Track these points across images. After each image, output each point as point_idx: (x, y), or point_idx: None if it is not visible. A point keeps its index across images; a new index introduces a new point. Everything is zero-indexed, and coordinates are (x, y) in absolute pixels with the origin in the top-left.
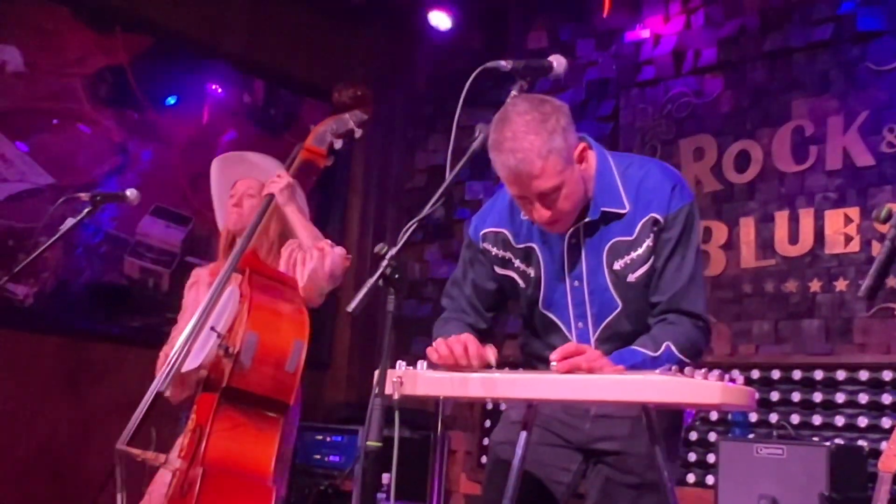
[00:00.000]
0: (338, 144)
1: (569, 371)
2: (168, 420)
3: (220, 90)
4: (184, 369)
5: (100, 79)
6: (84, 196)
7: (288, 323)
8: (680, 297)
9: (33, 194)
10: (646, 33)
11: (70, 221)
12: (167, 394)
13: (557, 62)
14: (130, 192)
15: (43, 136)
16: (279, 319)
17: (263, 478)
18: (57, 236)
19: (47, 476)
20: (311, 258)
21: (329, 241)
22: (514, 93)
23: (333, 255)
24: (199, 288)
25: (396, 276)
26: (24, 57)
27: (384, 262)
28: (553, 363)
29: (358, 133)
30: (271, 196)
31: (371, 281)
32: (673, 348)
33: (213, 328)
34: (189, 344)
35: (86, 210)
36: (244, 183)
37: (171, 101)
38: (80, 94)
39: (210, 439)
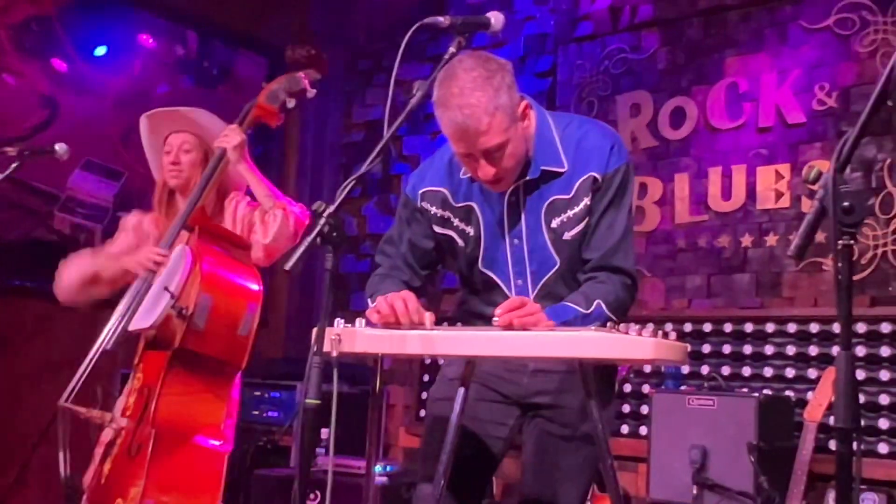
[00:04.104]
0: (290, 103)
1: (509, 325)
2: (103, 377)
3: (151, 41)
4: (132, 328)
5: (25, 28)
6: (11, 151)
7: (242, 286)
8: (611, 254)
9: None
10: None
11: None
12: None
13: (496, 19)
14: (59, 147)
15: None
16: (233, 282)
17: (214, 438)
18: None
19: None
20: (275, 218)
21: (289, 199)
22: (451, 49)
23: (296, 215)
24: (140, 231)
25: (334, 233)
26: None
27: (321, 221)
28: (495, 318)
29: (311, 93)
30: (223, 151)
31: (308, 239)
32: (603, 306)
33: (166, 288)
34: (137, 302)
35: (13, 166)
36: (178, 137)
37: (101, 51)
38: (5, 44)
39: (160, 400)
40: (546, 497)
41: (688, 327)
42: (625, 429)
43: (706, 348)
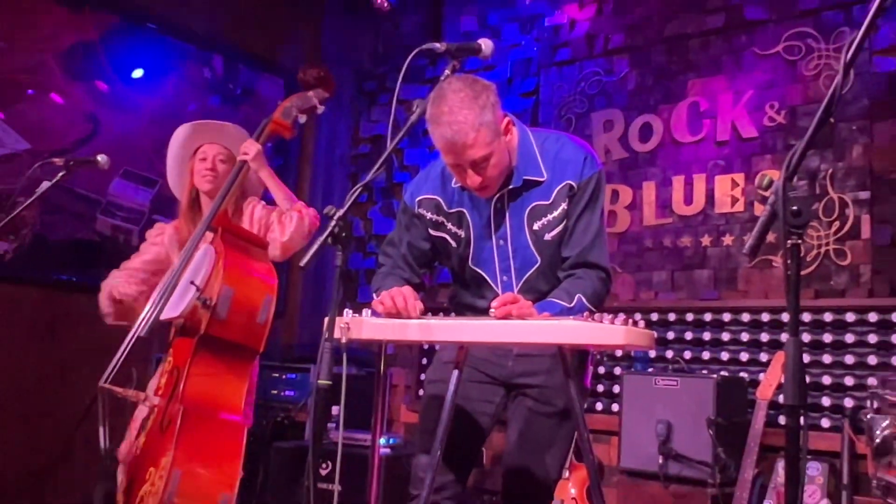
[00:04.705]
0: (302, 119)
1: (504, 317)
2: (139, 360)
3: (183, 65)
4: (163, 317)
5: (71, 54)
6: (58, 161)
7: (259, 279)
8: (587, 251)
9: (11, 159)
10: (563, 19)
11: (45, 184)
12: (108, 318)
13: (485, 45)
14: (101, 158)
15: (19, 105)
16: (251, 276)
17: (235, 414)
18: (33, 198)
19: (30, 413)
20: (291, 220)
21: (303, 203)
22: (447, 71)
23: (310, 217)
24: (165, 240)
25: (343, 234)
26: (0, 33)
27: (332, 223)
28: (492, 310)
29: (320, 110)
30: (243, 163)
31: (321, 239)
32: (583, 299)
33: (192, 282)
34: (167, 295)
35: (60, 174)
36: (213, 148)
37: (138, 74)
38: (53, 67)
39: (188, 380)
40: (529, 466)
41: (654, 317)
42: (599, 406)
43: (670, 335)
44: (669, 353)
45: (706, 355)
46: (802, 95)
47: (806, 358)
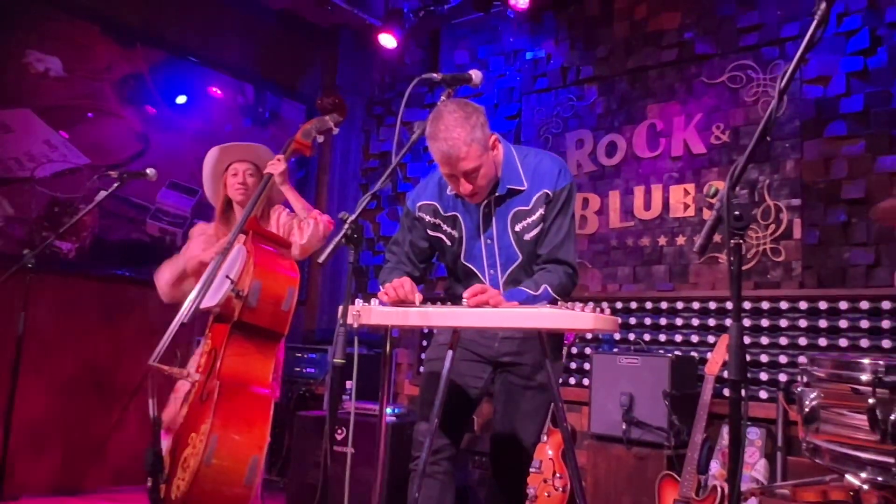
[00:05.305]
0: (320, 139)
1: (476, 305)
2: (182, 343)
3: (219, 92)
4: (202, 306)
5: (124, 83)
6: (113, 174)
7: (283, 274)
8: (558, 250)
9: (73, 172)
10: (542, 53)
11: (103, 193)
12: (166, 298)
13: (476, 75)
14: (150, 171)
15: (80, 126)
16: (277, 271)
17: (264, 388)
18: (93, 205)
19: (90, 387)
20: (309, 226)
21: (318, 211)
22: (443, 98)
23: (324, 223)
24: (205, 237)
25: (355, 235)
26: (63, 65)
27: (346, 226)
28: (464, 299)
29: (335, 131)
30: (270, 175)
31: (336, 239)
32: (549, 289)
33: (228, 276)
34: (206, 288)
35: (115, 185)
36: (242, 165)
37: (182, 100)
38: (109, 94)
39: (224, 359)
40: (512, 432)
41: (618, 305)
42: (572, 380)
43: (632, 321)
44: (631, 336)
45: (662, 338)
46: (744, 118)
47: (746, 340)
